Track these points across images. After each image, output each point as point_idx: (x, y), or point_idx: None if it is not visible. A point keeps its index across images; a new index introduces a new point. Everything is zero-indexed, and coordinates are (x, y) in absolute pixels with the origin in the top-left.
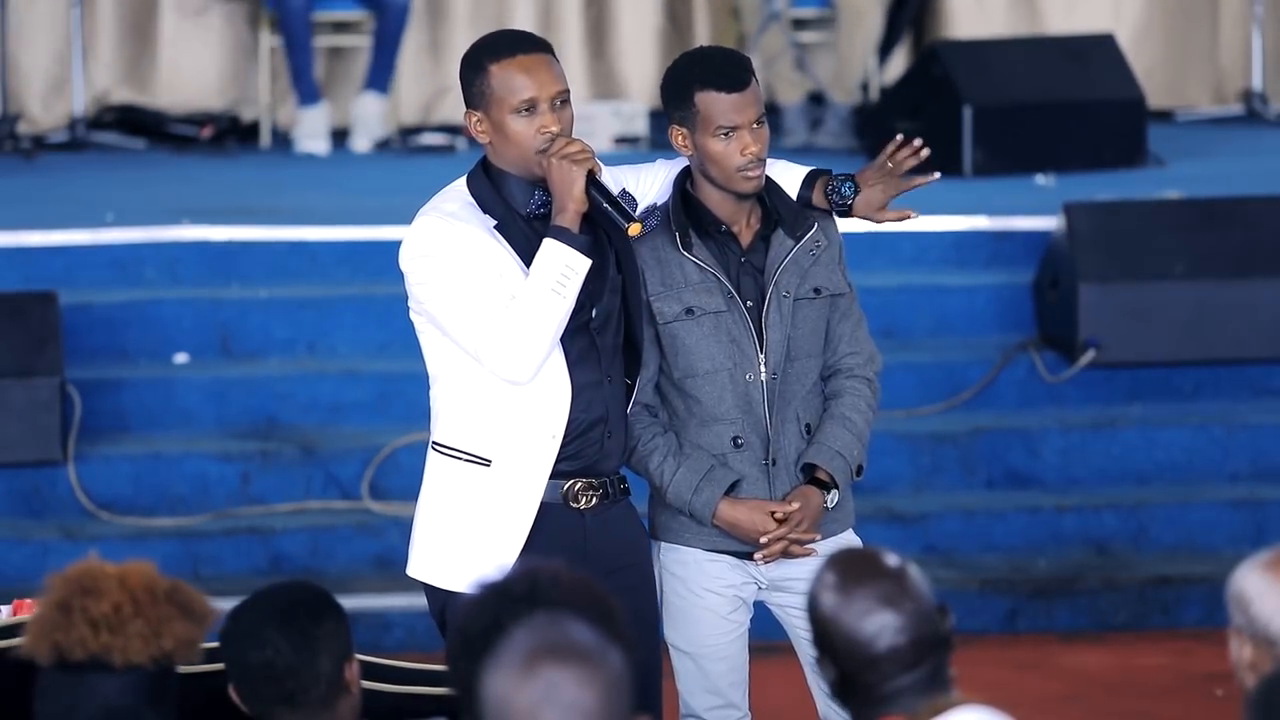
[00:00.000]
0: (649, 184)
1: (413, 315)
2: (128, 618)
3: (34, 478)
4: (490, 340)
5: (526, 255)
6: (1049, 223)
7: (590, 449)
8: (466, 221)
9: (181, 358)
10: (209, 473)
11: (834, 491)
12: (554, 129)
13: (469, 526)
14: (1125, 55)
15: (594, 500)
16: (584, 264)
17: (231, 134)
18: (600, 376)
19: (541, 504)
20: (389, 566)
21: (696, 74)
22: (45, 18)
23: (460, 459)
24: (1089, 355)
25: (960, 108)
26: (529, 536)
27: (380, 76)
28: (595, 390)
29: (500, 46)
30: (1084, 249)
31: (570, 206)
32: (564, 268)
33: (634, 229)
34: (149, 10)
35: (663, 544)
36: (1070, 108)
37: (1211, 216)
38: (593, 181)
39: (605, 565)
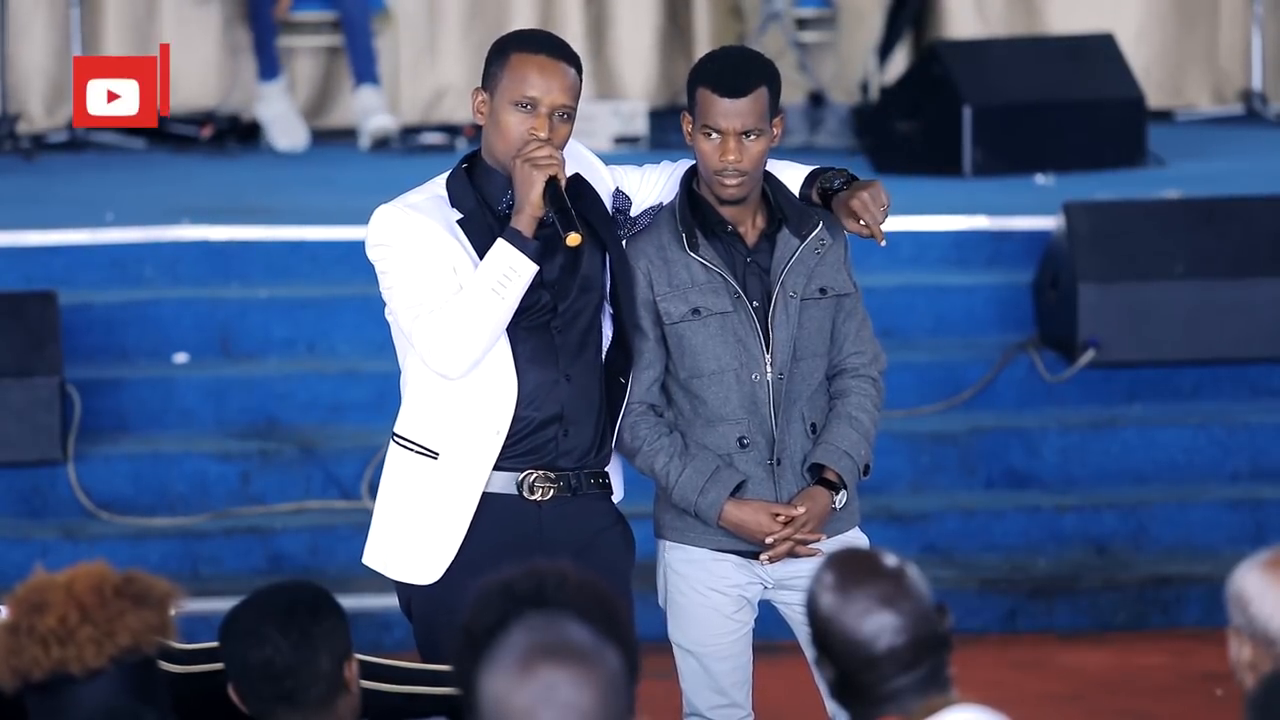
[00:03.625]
0: (651, 184)
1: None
2: (75, 626)
3: (33, 477)
4: (425, 331)
5: (485, 252)
6: (1049, 222)
7: (545, 447)
8: (425, 213)
9: (181, 357)
10: (209, 472)
11: (843, 492)
12: (541, 134)
13: (415, 517)
14: (1125, 55)
15: (550, 493)
16: (528, 268)
17: (231, 134)
18: (557, 375)
19: (494, 495)
20: None
21: (703, 69)
22: (45, 18)
23: (412, 450)
24: (1088, 355)
25: (960, 108)
26: (479, 526)
27: (365, 67)
28: (550, 389)
29: (530, 41)
30: (1083, 249)
31: (526, 210)
32: (507, 269)
33: (572, 239)
34: (149, 10)
35: (668, 543)
36: (1070, 108)
37: (1211, 216)
38: (551, 188)
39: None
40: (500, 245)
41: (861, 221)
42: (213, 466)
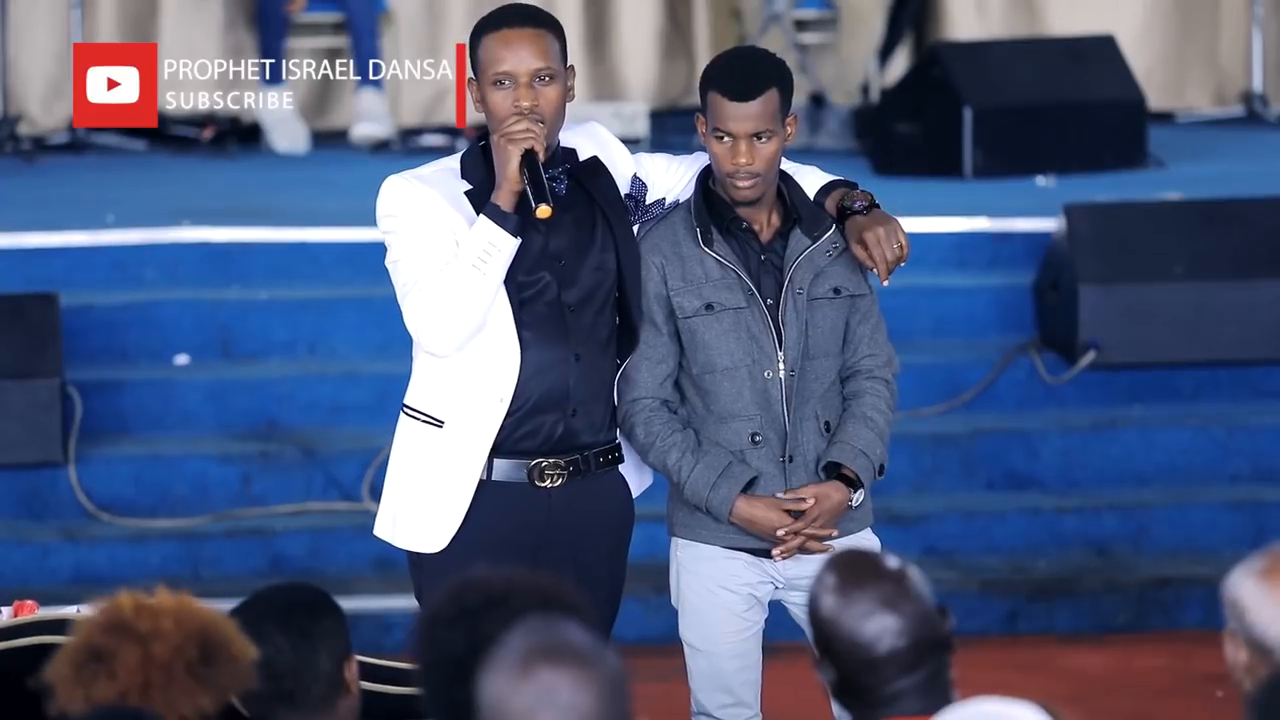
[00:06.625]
0: (677, 175)
1: None
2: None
3: (34, 479)
4: (411, 308)
5: None
6: (1049, 224)
7: (551, 427)
8: (432, 185)
9: (182, 359)
10: (209, 474)
11: (860, 490)
12: (525, 104)
13: (421, 486)
14: (1125, 56)
15: (561, 480)
16: (508, 243)
17: (232, 135)
18: (566, 354)
19: (504, 483)
20: (389, 568)
21: (713, 73)
22: (45, 18)
23: (419, 419)
24: (1089, 357)
25: (960, 109)
26: (487, 509)
27: (367, 69)
28: (557, 367)
29: (492, 20)
30: (1084, 250)
31: (505, 185)
32: (487, 244)
33: (542, 211)
34: (149, 10)
35: (680, 540)
36: (1070, 109)
37: (1211, 217)
38: (527, 161)
39: (568, 540)
40: (481, 221)
41: (870, 253)
42: (213, 468)
